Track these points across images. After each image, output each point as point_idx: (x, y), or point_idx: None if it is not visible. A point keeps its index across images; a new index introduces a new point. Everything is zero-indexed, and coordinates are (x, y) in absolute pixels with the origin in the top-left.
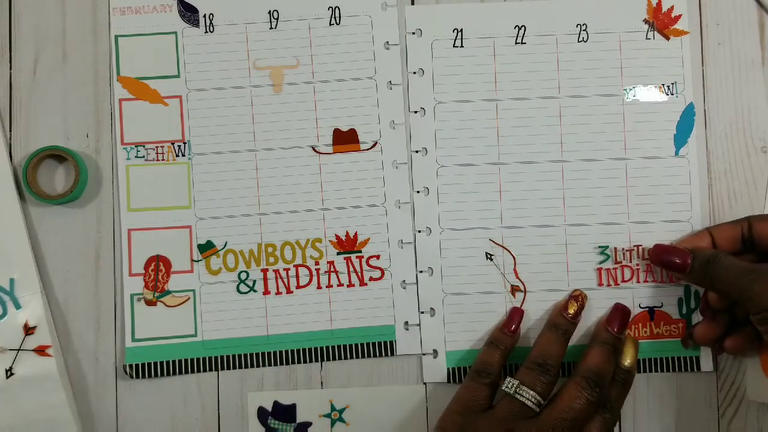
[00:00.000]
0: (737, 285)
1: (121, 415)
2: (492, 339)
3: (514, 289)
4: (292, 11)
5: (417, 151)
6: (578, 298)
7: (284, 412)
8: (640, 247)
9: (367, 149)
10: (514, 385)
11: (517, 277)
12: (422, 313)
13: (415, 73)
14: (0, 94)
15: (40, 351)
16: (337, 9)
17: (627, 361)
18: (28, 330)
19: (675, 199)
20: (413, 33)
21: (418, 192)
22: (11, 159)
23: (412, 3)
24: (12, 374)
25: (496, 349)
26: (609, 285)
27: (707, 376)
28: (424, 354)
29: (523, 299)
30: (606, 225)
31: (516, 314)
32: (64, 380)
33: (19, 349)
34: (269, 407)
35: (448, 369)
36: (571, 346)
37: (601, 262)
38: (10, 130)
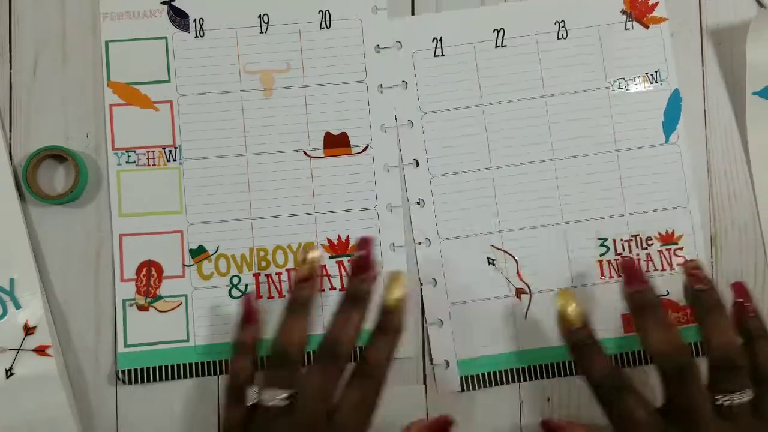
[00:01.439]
0: None
1: (121, 415)
2: (289, 301)
3: (519, 292)
4: (283, 15)
5: (408, 164)
6: (307, 252)
7: None
8: (639, 237)
9: (358, 153)
10: (255, 392)
11: (521, 279)
12: (430, 324)
13: (398, 86)
14: (0, 94)
15: (40, 351)
16: (327, 13)
17: (392, 298)
18: (28, 330)
19: (670, 187)
20: (391, 47)
21: (416, 203)
22: (11, 159)
23: (412, 9)
24: (12, 374)
25: (298, 317)
26: (611, 277)
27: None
28: (435, 365)
29: (529, 301)
30: (603, 219)
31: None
32: (64, 380)
33: (19, 349)
34: None
35: (461, 377)
36: None
37: (602, 255)
38: (10, 130)
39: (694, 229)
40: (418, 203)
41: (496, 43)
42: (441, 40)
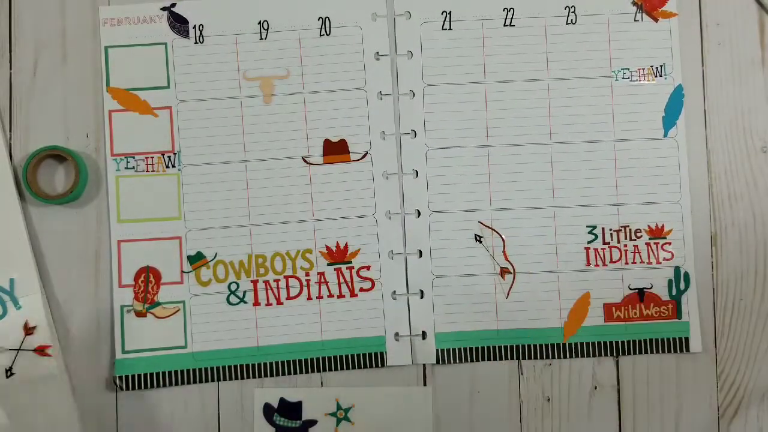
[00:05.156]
0: None
1: (121, 414)
2: None
3: (503, 271)
4: (282, 22)
5: (406, 134)
6: None
7: (290, 409)
8: (628, 228)
9: (357, 160)
10: None
11: (506, 259)
12: (412, 295)
13: (403, 55)
14: (0, 94)
15: (40, 351)
16: (327, 20)
17: None
18: (28, 330)
19: (664, 181)
20: (402, 15)
21: (410, 174)
22: (11, 159)
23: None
24: (12, 374)
25: None
26: (597, 265)
27: (707, 376)
28: (413, 335)
29: (513, 281)
30: (594, 207)
31: None
32: (63, 380)
33: (19, 349)
34: (275, 404)
35: (437, 350)
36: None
37: (589, 242)
38: (10, 130)
39: (684, 225)
40: (412, 174)
41: (505, 22)
42: (450, 13)
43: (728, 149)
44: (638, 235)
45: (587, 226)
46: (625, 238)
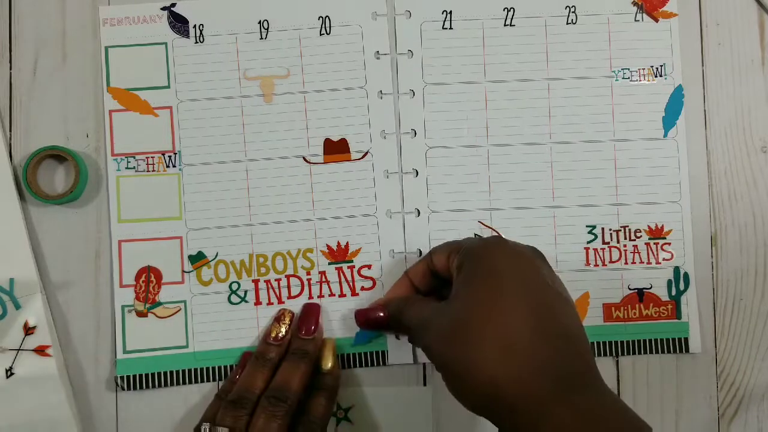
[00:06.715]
0: (417, 338)
1: (121, 414)
2: (257, 354)
3: None
4: (283, 21)
5: (406, 133)
6: (282, 318)
7: None
8: (628, 228)
9: (358, 159)
10: (207, 428)
11: None
12: None
13: (404, 54)
14: (0, 94)
15: (40, 351)
16: (327, 18)
17: (327, 364)
18: (28, 330)
19: (664, 181)
20: (402, 14)
21: (409, 173)
22: (11, 159)
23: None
24: (12, 374)
25: (262, 368)
26: (597, 265)
27: (707, 376)
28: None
29: None
30: (594, 207)
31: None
32: (64, 380)
33: (19, 349)
34: None
35: None
36: None
37: (589, 242)
38: (10, 130)
39: (684, 225)
40: (412, 173)
41: (505, 22)
42: (450, 12)
43: (728, 149)
44: (638, 235)
45: (586, 226)
46: (625, 238)
